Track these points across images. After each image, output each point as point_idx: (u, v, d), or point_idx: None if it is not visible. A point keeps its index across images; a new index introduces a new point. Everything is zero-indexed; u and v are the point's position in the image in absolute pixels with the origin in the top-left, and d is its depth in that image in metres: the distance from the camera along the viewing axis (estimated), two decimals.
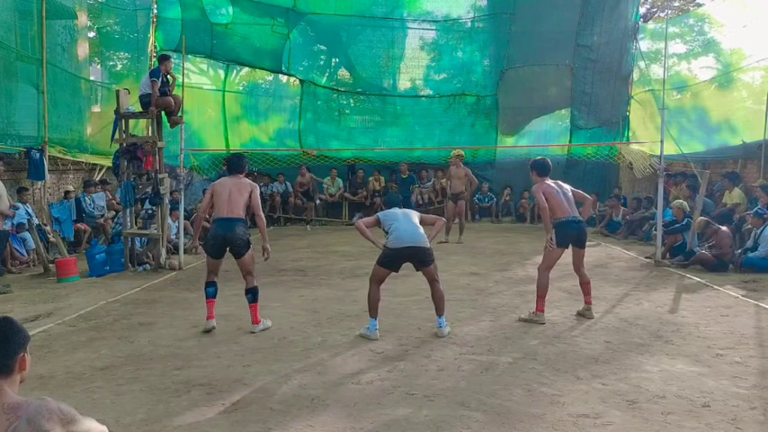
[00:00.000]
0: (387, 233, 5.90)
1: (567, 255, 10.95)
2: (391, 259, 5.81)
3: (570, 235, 6.37)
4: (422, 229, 5.89)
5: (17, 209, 9.44)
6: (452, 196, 12.46)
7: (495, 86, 16.84)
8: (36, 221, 10.09)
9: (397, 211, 6.08)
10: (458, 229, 12.34)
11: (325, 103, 17.43)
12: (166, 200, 10.00)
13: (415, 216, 6.02)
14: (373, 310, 5.81)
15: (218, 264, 6.16)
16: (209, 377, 4.67)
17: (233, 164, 6.42)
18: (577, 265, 6.55)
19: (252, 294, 6.04)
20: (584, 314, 6.46)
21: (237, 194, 6.05)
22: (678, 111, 14.66)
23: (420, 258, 5.79)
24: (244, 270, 6.08)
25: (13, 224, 9.44)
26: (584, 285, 6.53)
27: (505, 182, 16.75)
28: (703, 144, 13.76)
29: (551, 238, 6.31)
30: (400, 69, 17.16)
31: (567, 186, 6.75)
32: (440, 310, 5.85)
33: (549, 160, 6.99)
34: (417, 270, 5.90)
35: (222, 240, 5.97)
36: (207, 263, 6.20)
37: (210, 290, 6.13)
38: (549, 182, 6.66)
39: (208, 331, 5.93)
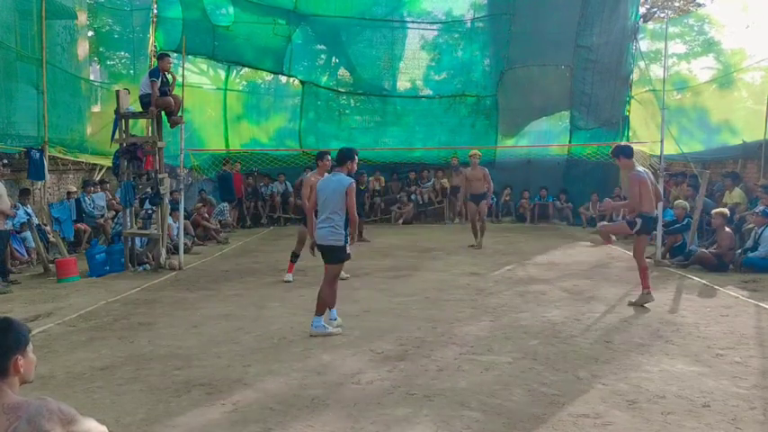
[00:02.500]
0: None
1: (568, 256, 10.96)
2: (320, 251, 5.93)
3: (650, 229, 7.16)
4: (336, 221, 5.70)
5: (17, 209, 9.44)
6: (473, 197, 11.86)
7: (496, 87, 16.87)
8: (36, 221, 10.09)
9: (329, 188, 5.76)
10: (479, 232, 11.76)
11: (325, 104, 17.47)
12: (166, 200, 10.00)
13: (338, 198, 5.69)
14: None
15: None
16: (209, 377, 4.67)
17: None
18: (639, 252, 7.02)
19: None
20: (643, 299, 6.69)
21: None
22: (679, 110, 14.66)
23: (325, 255, 5.84)
24: None
25: (13, 224, 9.44)
26: (643, 271, 6.86)
27: (505, 182, 16.77)
28: (703, 144, 13.76)
29: (632, 222, 6.83)
30: (400, 69, 17.19)
31: (652, 177, 7.00)
32: (318, 310, 5.82)
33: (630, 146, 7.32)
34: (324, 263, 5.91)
35: None
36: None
37: None
38: (641, 169, 6.82)
39: None
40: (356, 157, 6.01)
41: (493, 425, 3.75)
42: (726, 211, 9.51)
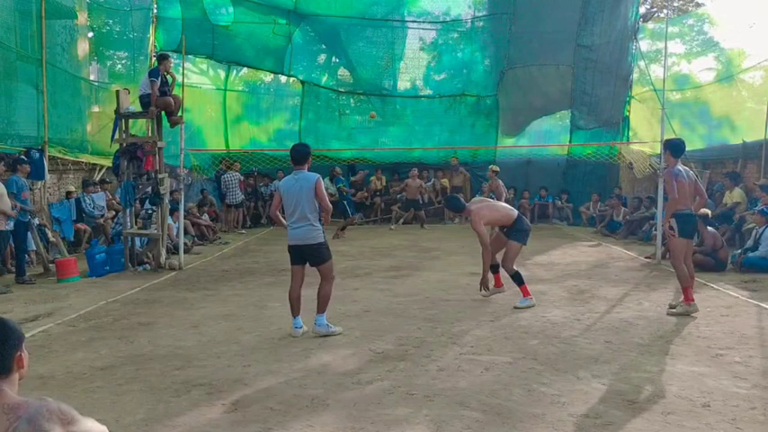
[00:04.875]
0: None
1: (568, 256, 10.93)
2: (291, 254, 5.89)
3: (691, 227, 6.53)
4: (311, 220, 5.67)
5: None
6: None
7: (496, 87, 16.87)
8: (36, 221, 10.08)
9: (297, 189, 5.68)
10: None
11: (325, 104, 17.49)
12: (166, 200, 9.99)
13: (308, 196, 5.64)
14: (292, 309, 5.84)
15: None
16: (209, 377, 4.67)
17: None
18: (686, 257, 6.63)
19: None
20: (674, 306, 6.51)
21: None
22: (680, 104, 14.69)
23: (309, 257, 5.80)
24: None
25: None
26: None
27: (506, 182, 16.75)
28: (704, 141, 13.78)
29: (671, 227, 6.41)
30: (400, 69, 17.20)
31: (692, 174, 6.71)
32: (320, 308, 5.81)
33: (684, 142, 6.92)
34: (312, 266, 5.86)
35: None
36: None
37: None
38: (681, 167, 6.58)
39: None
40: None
41: (493, 425, 3.75)
42: (705, 211, 9.44)
